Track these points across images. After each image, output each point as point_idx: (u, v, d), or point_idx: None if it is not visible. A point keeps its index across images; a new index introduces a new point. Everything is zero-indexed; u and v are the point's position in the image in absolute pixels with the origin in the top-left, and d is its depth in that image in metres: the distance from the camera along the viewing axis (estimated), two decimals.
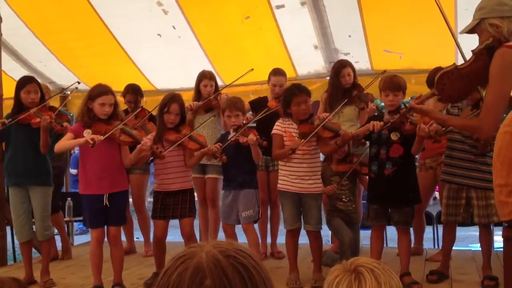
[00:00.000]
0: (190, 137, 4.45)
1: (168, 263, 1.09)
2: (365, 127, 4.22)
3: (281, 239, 5.27)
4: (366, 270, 1.26)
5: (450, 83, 2.97)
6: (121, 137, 4.21)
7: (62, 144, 4.23)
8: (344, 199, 4.80)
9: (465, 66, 2.94)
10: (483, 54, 2.84)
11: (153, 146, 4.30)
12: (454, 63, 3.03)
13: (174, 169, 4.48)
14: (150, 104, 5.87)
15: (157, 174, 4.57)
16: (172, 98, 4.52)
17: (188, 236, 4.51)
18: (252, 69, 5.56)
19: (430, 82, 5.01)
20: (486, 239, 4.36)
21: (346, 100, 4.84)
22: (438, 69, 4.90)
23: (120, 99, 5.11)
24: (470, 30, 2.98)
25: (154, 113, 5.23)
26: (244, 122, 4.57)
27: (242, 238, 4.60)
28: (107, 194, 4.20)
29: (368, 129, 4.17)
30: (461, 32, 3.05)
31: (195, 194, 5.15)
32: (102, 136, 4.03)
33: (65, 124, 4.81)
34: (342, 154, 4.77)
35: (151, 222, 5.05)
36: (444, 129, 4.21)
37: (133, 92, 5.58)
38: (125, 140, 4.24)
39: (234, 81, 5.72)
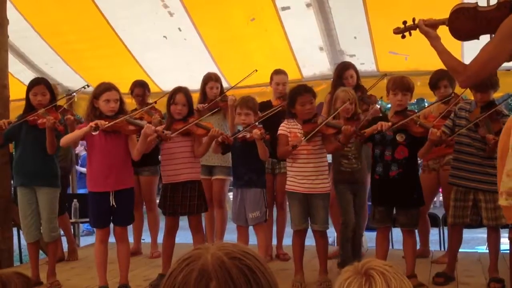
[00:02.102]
0: (197, 124, 4.45)
1: (174, 265, 1.10)
2: (373, 127, 4.17)
3: (287, 241, 5.27)
4: (377, 274, 1.26)
5: (463, 19, 2.95)
6: (128, 127, 4.23)
7: (67, 136, 4.28)
8: (349, 156, 4.71)
9: (484, 10, 2.91)
10: (506, 8, 2.80)
11: (158, 129, 4.26)
12: (476, 2, 3.00)
13: (181, 159, 4.46)
14: (158, 105, 5.88)
15: (164, 165, 4.56)
16: (177, 89, 4.56)
17: (196, 229, 4.54)
18: (256, 70, 5.55)
19: (432, 84, 5.00)
20: (494, 241, 4.34)
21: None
22: (441, 71, 4.91)
23: (127, 101, 5.14)
24: None
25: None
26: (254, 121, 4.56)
27: (254, 239, 4.61)
28: (113, 193, 4.21)
29: (376, 129, 4.15)
30: None
31: None
32: (106, 122, 4.06)
33: (68, 116, 4.82)
34: (350, 113, 4.62)
35: (161, 224, 5.07)
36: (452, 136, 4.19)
37: (141, 85, 5.70)
38: (132, 129, 4.26)
39: (238, 83, 5.72)
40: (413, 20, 3.22)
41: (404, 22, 3.37)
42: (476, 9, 2.93)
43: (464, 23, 2.97)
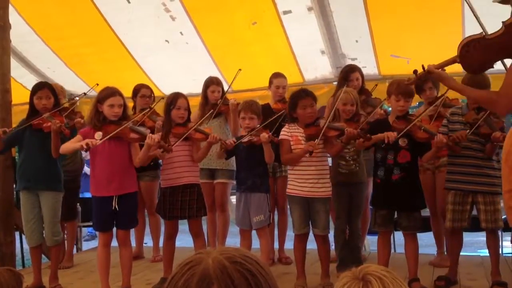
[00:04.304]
0: (196, 129, 4.47)
1: (175, 269, 1.10)
2: (379, 136, 4.13)
3: (289, 244, 5.26)
4: (374, 279, 1.26)
5: (474, 52, 2.89)
6: (131, 135, 4.24)
7: (65, 146, 4.28)
8: (347, 158, 4.65)
9: (492, 37, 2.84)
10: None
11: (161, 140, 4.29)
12: (482, 32, 2.93)
13: (180, 163, 4.48)
14: (158, 109, 5.89)
15: (163, 169, 4.59)
16: (177, 94, 4.58)
17: (196, 234, 4.55)
18: (240, 70, 5.37)
19: (417, 88, 4.98)
20: (493, 245, 4.32)
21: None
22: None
23: (130, 104, 5.15)
24: (504, 1, 2.90)
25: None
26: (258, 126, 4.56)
27: (256, 243, 4.60)
28: (116, 197, 4.21)
29: (380, 139, 4.11)
30: (494, 1, 2.97)
31: None
32: (99, 140, 4.05)
33: (78, 119, 4.83)
34: (350, 114, 4.58)
35: (162, 228, 5.07)
36: (467, 131, 4.15)
37: (148, 87, 5.69)
38: (135, 137, 4.27)
39: (229, 86, 5.64)
40: (423, 67, 3.17)
41: (415, 71, 3.32)
42: (485, 38, 2.86)
43: (476, 55, 2.90)
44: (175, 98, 4.52)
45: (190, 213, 4.47)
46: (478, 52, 2.89)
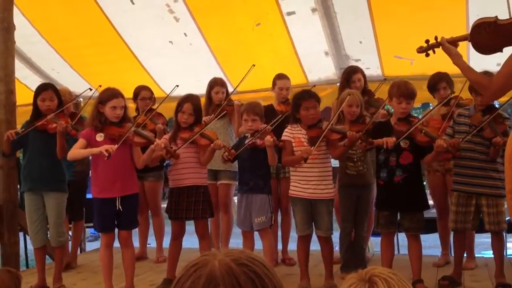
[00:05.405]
0: (201, 134, 4.47)
1: (181, 271, 1.10)
2: (378, 141, 4.14)
3: (292, 246, 5.26)
4: (380, 280, 1.26)
5: (484, 34, 2.98)
6: (135, 139, 4.25)
7: (75, 153, 4.27)
8: (355, 159, 4.64)
9: (504, 24, 2.94)
10: None
11: (168, 146, 4.30)
12: (496, 16, 3.02)
13: (187, 164, 4.49)
14: (161, 110, 5.90)
15: (170, 170, 4.60)
16: (186, 97, 4.58)
17: (202, 235, 4.56)
18: (254, 65, 5.43)
19: (431, 87, 4.97)
20: (498, 246, 4.32)
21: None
22: (438, 74, 4.90)
23: (131, 106, 5.15)
24: None
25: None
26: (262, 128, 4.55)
27: (259, 244, 4.60)
28: (120, 198, 4.22)
29: (380, 145, 4.13)
30: None
31: None
32: (116, 146, 4.06)
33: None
34: (354, 115, 4.55)
35: (166, 229, 5.07)
36: (460, 139, 4.16)
37: (148, 89, 5.66)
38: (139, 141, 4.28)
39: (240, 82, 5.66)
40: (435, 38, 3.22)
41: (427, 41, 3.39)
42: (497, 23, 2.94)
43: (486, 37, 2.99)
44: (182, 102, 4.53)
45: (194, 214, 4.48)
46: (488, 35, 2.99)
